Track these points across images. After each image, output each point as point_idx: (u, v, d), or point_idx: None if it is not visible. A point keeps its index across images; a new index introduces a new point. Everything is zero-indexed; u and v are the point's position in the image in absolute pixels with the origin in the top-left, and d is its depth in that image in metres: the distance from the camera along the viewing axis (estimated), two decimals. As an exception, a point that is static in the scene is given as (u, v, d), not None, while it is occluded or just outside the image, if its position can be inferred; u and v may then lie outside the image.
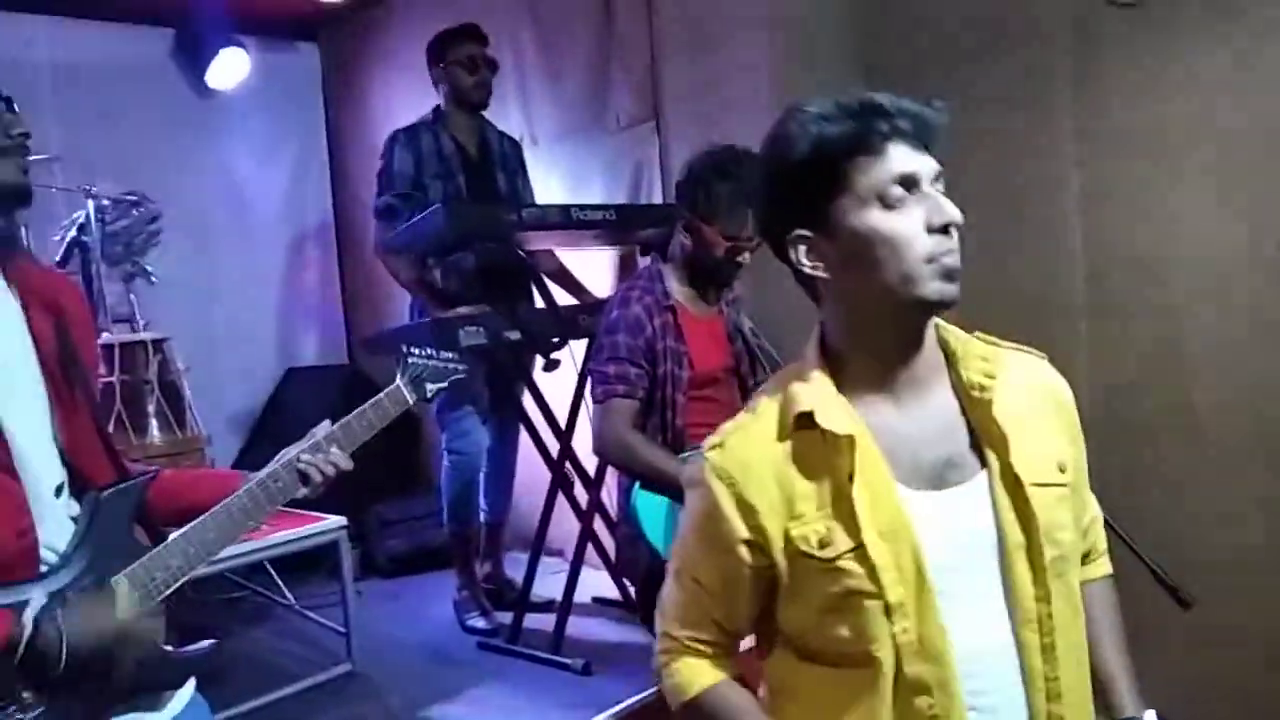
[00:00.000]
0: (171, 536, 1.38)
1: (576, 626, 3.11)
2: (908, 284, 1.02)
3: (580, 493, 3.23)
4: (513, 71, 3.94)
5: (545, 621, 3.12)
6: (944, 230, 1.02)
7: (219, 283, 4.46)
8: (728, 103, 3.14)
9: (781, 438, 1.08)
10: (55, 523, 1.31)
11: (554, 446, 3.25)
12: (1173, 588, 1.65)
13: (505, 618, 3.26)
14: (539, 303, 3.23)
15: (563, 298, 3.37)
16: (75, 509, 1.35)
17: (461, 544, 3.47)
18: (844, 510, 1.04)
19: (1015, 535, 1.06)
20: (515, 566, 3.53)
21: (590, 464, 3.20)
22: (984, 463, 1.08)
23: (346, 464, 1.52)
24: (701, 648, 1.17)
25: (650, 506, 2.11)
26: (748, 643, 1.23)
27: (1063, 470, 1.10)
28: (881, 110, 1.03)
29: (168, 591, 1.36)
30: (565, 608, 3.06)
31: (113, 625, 1.28)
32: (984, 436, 1.09)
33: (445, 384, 1.71)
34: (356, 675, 3.04)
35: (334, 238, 5.00)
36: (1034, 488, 1.06)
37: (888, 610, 1.02)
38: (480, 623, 3.33)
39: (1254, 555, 2.44)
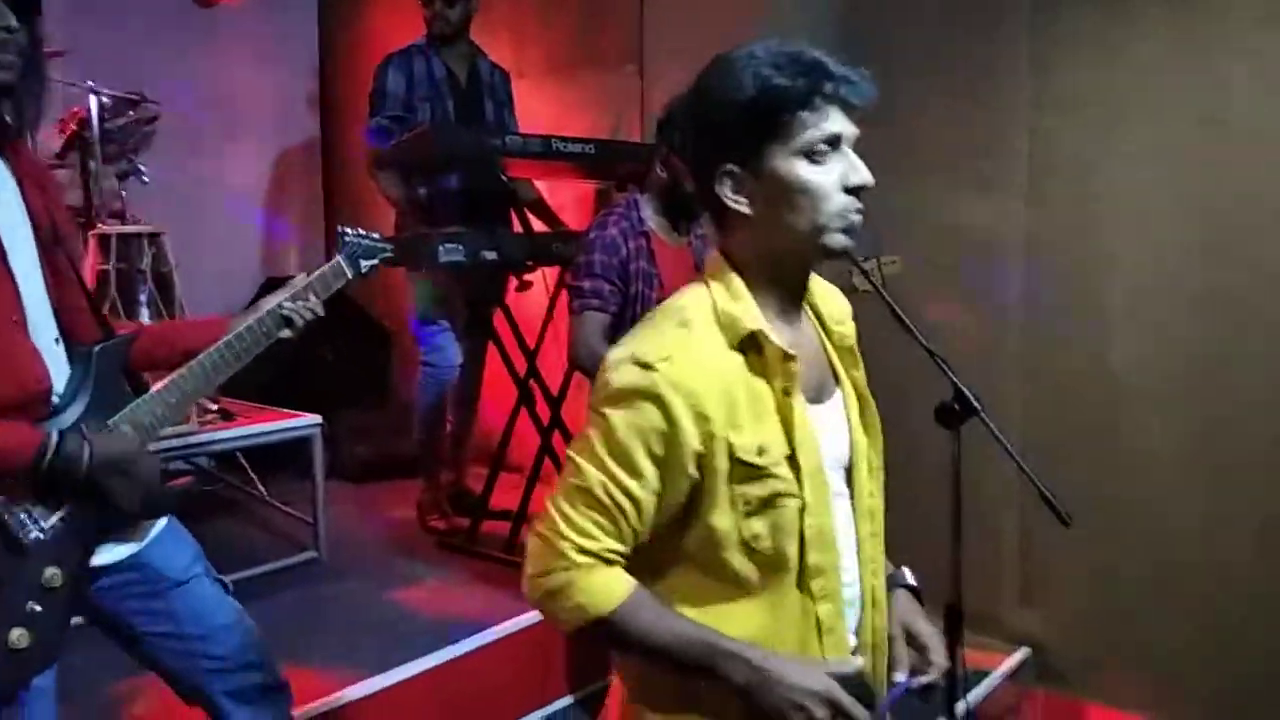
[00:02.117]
0: (156, 386, 1.57)
1: (531, 534, 3.33)
2: (817, 233, 1.14)
3: (543, 412, 3.43)
4: (505, 4, 4.05)
5: (502, 529, 3.31)
6: (856, 191, 1.14)
7: (205, 189, 4.56)
8: (710, 50, 3.28)
9: (729, 353, 1.15)
10: (58, 371, 1.50)
11: (521, 366, 3.44)
12: (1055, 506, 1.85)
13: (464, 523, 3.47)
14: (516, 228, 3.39)
15: (538, 227, 3.54)
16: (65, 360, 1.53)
17: (429, 451, 3.67)
18: (779, 421, 1.16)
19: (862, 444, 1.26)
20: (476, 481, 3.72)
21: (554, 382, 3.39)
22: (838, 381, 1.27)
23: (321, 311, 1.72)
24: (616, 559, 1.16)
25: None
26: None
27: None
28: (828, 74, 1.11)
29: (153, 435, 1.55)
30: (521, 515, 3.26)
31: (129, 443, 1.49)
32: (843, 360, 1.28)
33: (376, 261, 1.87)
34: (321, 562, 3.25)
35: (320, 154, 5.10)
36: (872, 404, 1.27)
37: (803, 508, 1.16)
38: (441, 524, 3.55)
39: (1160, 496, 2.71)
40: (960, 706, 1.37)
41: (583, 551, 1.14)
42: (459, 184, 3.42)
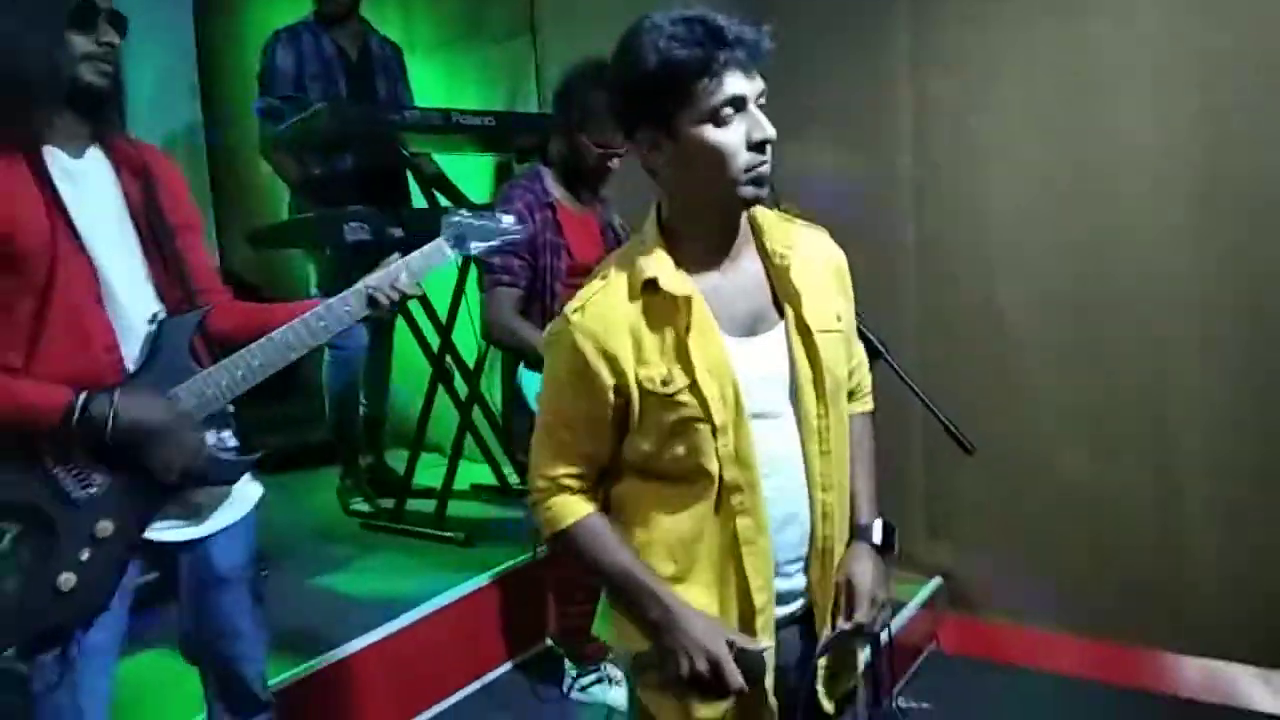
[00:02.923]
0: (221, 362, 1.61)
1: (456, 509, 3.33)
2: (730, 187, 1.27)
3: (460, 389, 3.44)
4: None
5: (426, 506, 3.33)
6: (760, 146, 1.25)
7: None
8: (603, 19, 3.30)
9: (633, 299, 1.31)
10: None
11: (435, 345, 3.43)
12: (958, 436, 1.98)
13: (387, 504, 3.47)
14: (417, 204, 3.38)
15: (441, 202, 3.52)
16: None
17: (344, 437, 3.64)
18: (681, 355, 1.30)
19: (805, 370, 1.36)
20: (396, 462, 3.72)
21: (470, 357, 3.40)
22: (782, 315, 1.37)
23: (415, 290, 1.72)
24: (574, 483, 1.39)
25: (534, 382, 2.35)
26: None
27: (839, 319, 1.41)
28: (724, 39, 1.21)
29: (216, 407, 1.60)
30: (446, 490, 3.29)
31: (156, 408, 1.53)
32: (782, 294, 1.37)
33: (495, 241, 1.86)
34: (245, 554, 3.19)
35: (203, 140, 4.95)
36: (819, 334, 1.36)
37: (714, 431, 1.30)
38: (364, 506, 3.54)
39: (1049, 425, 2.89)
40: (882, 637, 1.49)
41: (544, 477, 1.40)
42: (354, 162, 3.38)
